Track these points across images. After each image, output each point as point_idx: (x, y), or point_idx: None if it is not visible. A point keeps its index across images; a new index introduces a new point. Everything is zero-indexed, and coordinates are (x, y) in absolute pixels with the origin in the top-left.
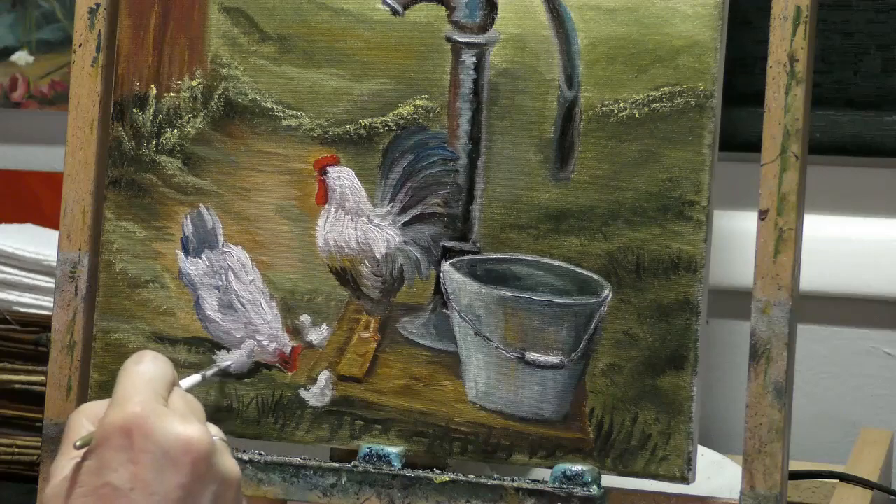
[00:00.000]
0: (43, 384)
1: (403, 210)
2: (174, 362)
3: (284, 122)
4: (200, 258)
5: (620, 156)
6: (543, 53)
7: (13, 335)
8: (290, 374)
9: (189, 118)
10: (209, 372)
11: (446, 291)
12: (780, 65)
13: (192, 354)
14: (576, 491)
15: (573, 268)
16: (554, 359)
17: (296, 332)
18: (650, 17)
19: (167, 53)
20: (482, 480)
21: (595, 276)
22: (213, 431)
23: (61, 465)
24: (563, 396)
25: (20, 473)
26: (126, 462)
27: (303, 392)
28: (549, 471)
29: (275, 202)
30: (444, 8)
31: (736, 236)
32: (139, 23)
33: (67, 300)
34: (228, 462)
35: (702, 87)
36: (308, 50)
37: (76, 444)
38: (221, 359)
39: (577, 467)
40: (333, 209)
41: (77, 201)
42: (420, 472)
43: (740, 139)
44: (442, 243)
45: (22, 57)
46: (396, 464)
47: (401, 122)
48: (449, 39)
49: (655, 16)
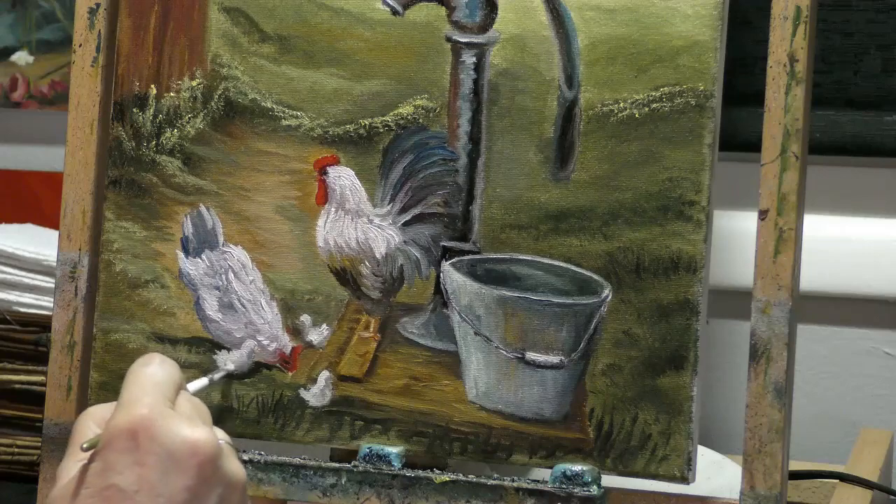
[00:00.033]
0: (43, 384)
1: (403, 210)
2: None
3: (284, 122)
4: (200, 258)
5: (620, 156)
6: (543, 53)
7: (13, 335)
8: (291, 374)
9: (189, 118)
10: (217, 375)
11: (446, 291)
12: (780, 65)
13: (192, 354)
14: (576, 491)
15: (573, 268)
16: (554, 359)
17: (296, 332)
18: (650, 17)
19: (167, 53)
20: (482, 480)
21: (595, 276)
22: (220, 435)
23: (68, 468)
24: (563, 396)
25: (20, 473)
26: (132, 464)
27: (303, 392)
28: (549, 471)
29: (275, 202)
30: (444, 8)
31: (736, 236)
32: (139, 23)
33: (67, 300)
34: (234, 465)
35: (702, 87)
36: (308, 50)
37: (83, 446)
38: (223, 360)
39: (577, 467)
40: (333, 209)
41: (77, 201)
42: (420, 472)
43: (740, 139)
44: (442, 243)
45: (22, 57)
46: (396, 464)
47: (401, 122)
48: (449, 39)
49: (655, 16)
